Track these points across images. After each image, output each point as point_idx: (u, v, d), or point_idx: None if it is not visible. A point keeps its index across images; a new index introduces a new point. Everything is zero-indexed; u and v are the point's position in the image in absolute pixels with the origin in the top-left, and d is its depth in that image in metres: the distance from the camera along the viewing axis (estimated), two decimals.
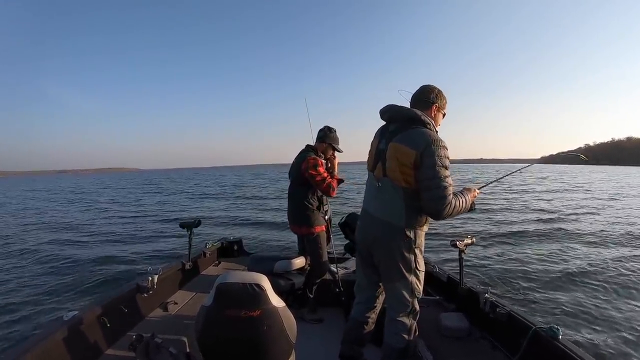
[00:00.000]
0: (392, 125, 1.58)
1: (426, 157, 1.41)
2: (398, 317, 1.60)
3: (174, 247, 7.70)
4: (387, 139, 1.55)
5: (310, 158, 2.52)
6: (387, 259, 1.56)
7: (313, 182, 2.51)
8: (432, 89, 1.64)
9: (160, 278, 2.36)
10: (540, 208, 13.40)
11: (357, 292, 1.84)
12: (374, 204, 1.60)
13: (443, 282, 2.54)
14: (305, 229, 2.61)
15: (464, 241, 2.20)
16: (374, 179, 1.60)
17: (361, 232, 1.70)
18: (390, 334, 1.63)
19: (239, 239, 3.88)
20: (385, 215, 1.53)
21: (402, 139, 1.48)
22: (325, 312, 2.72)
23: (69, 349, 1.58)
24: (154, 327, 2.05)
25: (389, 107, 1.62)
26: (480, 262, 6.16)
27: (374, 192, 1.60)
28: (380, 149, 1.58)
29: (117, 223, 11.98)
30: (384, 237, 1.54)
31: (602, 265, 6.01)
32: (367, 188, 1.71)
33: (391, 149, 1.50)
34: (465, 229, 9.71)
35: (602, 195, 18.65)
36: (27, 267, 6.25)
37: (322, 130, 2.68)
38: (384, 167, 1.54)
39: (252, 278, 1.16)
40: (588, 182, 29.45)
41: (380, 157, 1.56)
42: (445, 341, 1.96)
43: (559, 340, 1.50)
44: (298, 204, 2.63)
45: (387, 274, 1.59)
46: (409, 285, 1.57)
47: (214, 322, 1.15)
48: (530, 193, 19.92)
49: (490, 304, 1.97)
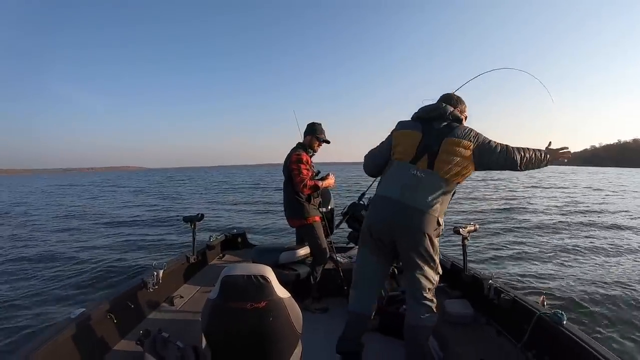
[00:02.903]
0: (437, 123, 1.73)
1: (481, 145, 1.67)
2: (425, 298, 1.63)
3: (178, 242, 7.76)
4: (437, 135, 1.68)
5: (295, 154, 2.69)
6: (418, 246, 1.59)
7: (292, 175, 2.65)
8: (452, 95, 1.90)
9: (165, 273, 2.37)
10: (547, 204, 13.43)
11: (359, 283, 1.79)
12: (408, 193, 1.61)
13: (447, 269, 2.54)
14: (299, 220, 2.73)
15: (467, 228, 2.20)
16: (414, 169, 1.65)
17: (383, 218, 1.68)
18: (418, 316, 1.63)
19: (242, 232, 3.89)
20: (425, 205, 1.58)
21: (457, 134, 1.66)
22: (329, 301, 2.74)
23: (77, 346, 1.60)
24: (161, 321, 2.07)
25: (437, 106, 1.77)
26: (484, 250, 6.19)
27: (413, 181, 1.63)
28: (428, 144, 1.67)
29: (120, 220, 12.05)
30: (420, 224, 1.57)
31: (607, 252, 6.03)
32: (395, 177, 1.71)
33: (447, 143, 1.64)
34: (468, 218, 9.73)
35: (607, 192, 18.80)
36: (32, 265, 6.31)
37: (307, 125, 2.88)
38: (431, 161, 1.64)
39: (257, 270, 1.16)
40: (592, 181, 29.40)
41: (429, 151, 1.66)
42: (450, 328, 1.97)
43: (563, 326, 1.51)
44: (289, 198, 2.73)
45: (416, 259, 1.61)
46: (435, 267, 1.66)
47: (220, 315, 1.15)
48: (536, 189, 20.01)
49: (494, 290, 1.97)
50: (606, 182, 29.03)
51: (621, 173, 52.54)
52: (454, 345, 1.82)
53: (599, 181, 30.92)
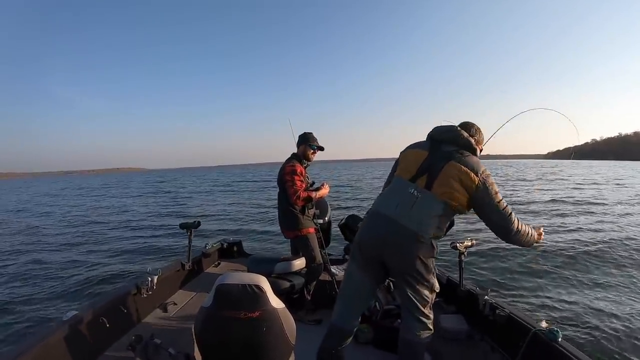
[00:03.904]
0: (446, 145, 1.64)
1: (486, 184, 1.53)
2: (421, 312, 1.60)
3: (174, 248, 7.70)
4: (443, 157, 1.59)
5: (288, 165, 2.69)
6: (407, 269, 1.55)
7: (286, 187, 2.65)
8: (472, 124, 1.81)
9: (160, 279, 2.36)
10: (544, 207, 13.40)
11: (343, 298, 1.75)
12: (405, 212, 1.55)
13: (442, 284, 2.53)
14: (292, 232, 2.73)
15: (464, 243, 2.21)
16: (412, 187, 1.59)
17: (375, 235, 1.63)
18: (413, 331, 1.61)
19: (239, 240, 3.89)
20: (419, 226, 1.52)
21: (463, 162, 1.55)
22: (323, 313, 2.71)
23: (68, 349, 1.58)
24: (154, 327, 2.05)
25: (450, 128, 1.69)
26: (480, 265, 6.16)
27: (409, 200, 1.57)
28: (431, 163, 1.60)
29: (117, 223, 11.97)
30: (412, 246, 1.52)
31: (605, 266, 5.99)
32: (392, 193, 1.68)
33: (451, 168, 1.54)
34: (465, 233, 9.71)
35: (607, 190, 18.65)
36: (25, 268, 6.25)
37: (299, 137, 2.90)
38: (429, 181, 1.56)
39: (251, 279, 1.16)
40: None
41: (430, 170, 1.58)
42: (445, 343, 1.96)
43: (559, 343, 1.50)
44: (284, 209, 2.72)
45: (408, 280, 1.58)
46: (430, 286, 1.61)
47: (214, 323, 1.15)
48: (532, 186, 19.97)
49: (489, 306, 1.97)
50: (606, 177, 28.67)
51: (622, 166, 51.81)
52: None
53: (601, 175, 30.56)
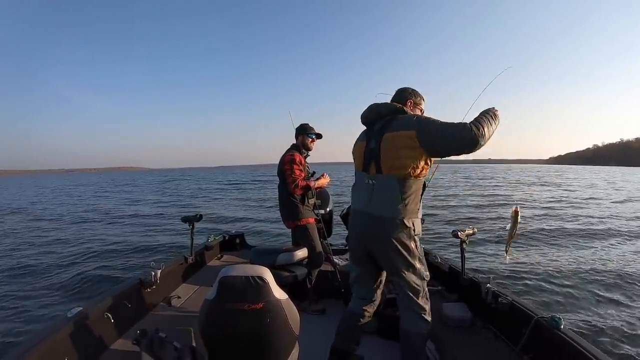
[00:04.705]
0: (377, 124, 1.66)
1: (424, 126, 1.48)
2: (414, 303, 1.61)
3: (177, 242, 7.74)
4: (377, 136, 1.61)
5: (288, 154, 2.69)
6: (390, 253, 1.56)
7: (285, 176, 2.66)
8: (406, 88, 1.78)
9: (163, 272, 2.37)
10: (546, 205, 13.42)
11: (354, 287, 1.83)
12: (368, 202, 1.60)
13: (445, 272, 2.55)
14: (292, 222, 2.73)
15: (466, 231, 2.20)
16: (367, 177, 1.63)
17: (355, 232, 1.71)
18: (409, 322, 1.62)
19: (241, 233, 3.89)
20: (384, 211, 1.54)
21: (394, 127, 1.55)
22: (326, 303, 2.74)
23: (74, 345, 1.60)
24: (158, 321, 2.06)
25: (373, 107, 1.70)
26: (483, 254, 6.18)
27: (367, 190, 1.61)
28: (371, 147, 1.63)
29: (119, 219, 12.03)
30: (385, 232, 1.54)
31: (606, 257, 6.02)
32: (356, 189, 1.73)
33: (386, 141, 1.56)
34: (466, 221, 9.73)
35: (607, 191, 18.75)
36: (29, 264, 6.29)
37: (296, 129, 2.90)
38: (377, 164, 1.59)
39: (254, 271, 1.16)
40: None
41: (373, 155, 1.61)
42: (448, 331, 1.97)
43: (561, 330, 1.51)
44: (284, 199, 2.74)
45: (393, 266, 1.59)
46: (417, 272, 1.60)
47: (218, 316, 1.15)
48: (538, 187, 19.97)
49: (492, 293, 1.97)
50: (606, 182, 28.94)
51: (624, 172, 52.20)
52: (451, 349, 1.82)
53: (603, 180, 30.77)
